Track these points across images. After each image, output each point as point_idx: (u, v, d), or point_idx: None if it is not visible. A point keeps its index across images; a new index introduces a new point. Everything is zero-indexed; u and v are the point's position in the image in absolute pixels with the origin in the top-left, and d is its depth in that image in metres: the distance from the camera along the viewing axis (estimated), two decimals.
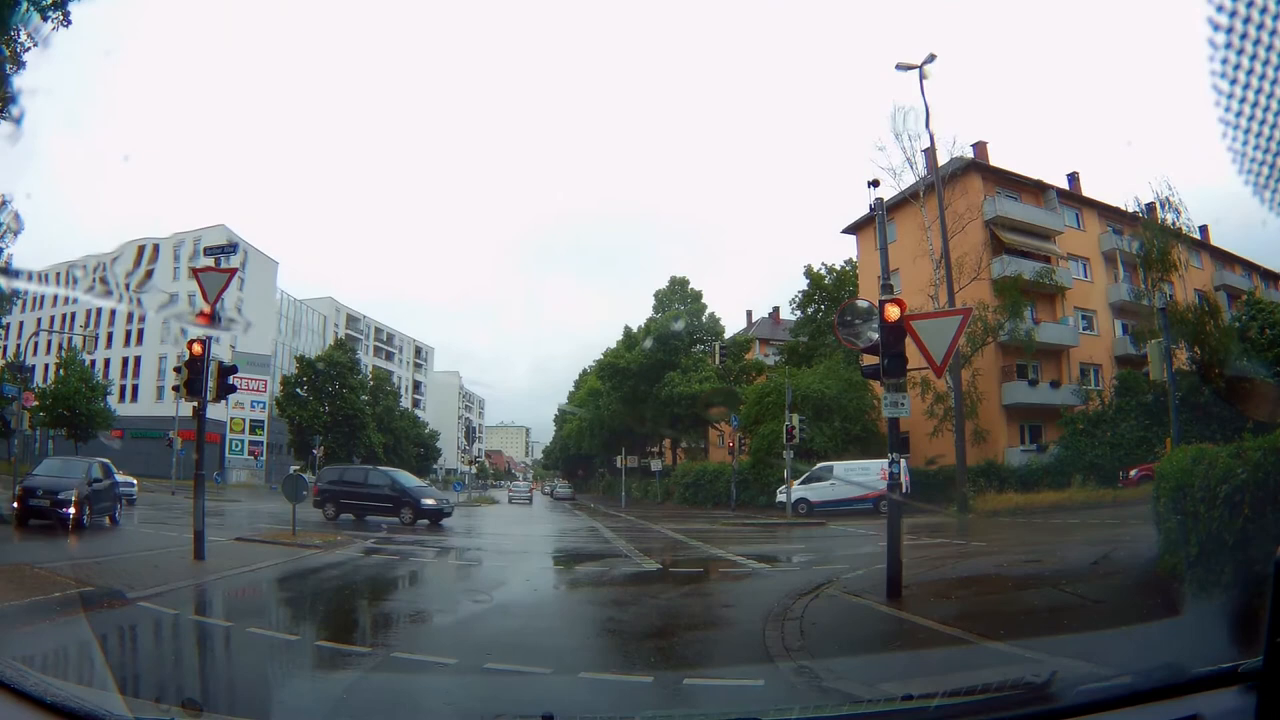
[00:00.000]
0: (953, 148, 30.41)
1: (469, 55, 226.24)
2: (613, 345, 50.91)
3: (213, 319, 12.42)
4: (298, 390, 59.80)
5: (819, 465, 29.33)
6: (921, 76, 25.30)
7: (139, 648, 7.11)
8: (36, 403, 39.82)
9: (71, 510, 14.87)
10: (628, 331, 49.04)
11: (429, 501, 22.89)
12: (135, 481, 28.37)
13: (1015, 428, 33.21)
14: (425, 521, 21.94)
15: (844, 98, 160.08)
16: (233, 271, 13.75)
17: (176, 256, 63.15)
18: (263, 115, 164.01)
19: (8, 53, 15.22)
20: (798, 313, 49.23)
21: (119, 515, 18.08)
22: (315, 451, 51.83)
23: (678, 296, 48.52)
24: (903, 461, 29.51)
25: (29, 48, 15.41)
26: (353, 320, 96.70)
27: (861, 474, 27.68)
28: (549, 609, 10.06)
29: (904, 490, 28.95)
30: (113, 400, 50.16)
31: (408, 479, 25.32)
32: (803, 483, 29.03)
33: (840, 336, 12.32)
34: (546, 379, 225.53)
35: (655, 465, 46.00)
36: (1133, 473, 26.55)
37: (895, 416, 9.38)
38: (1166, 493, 7.50)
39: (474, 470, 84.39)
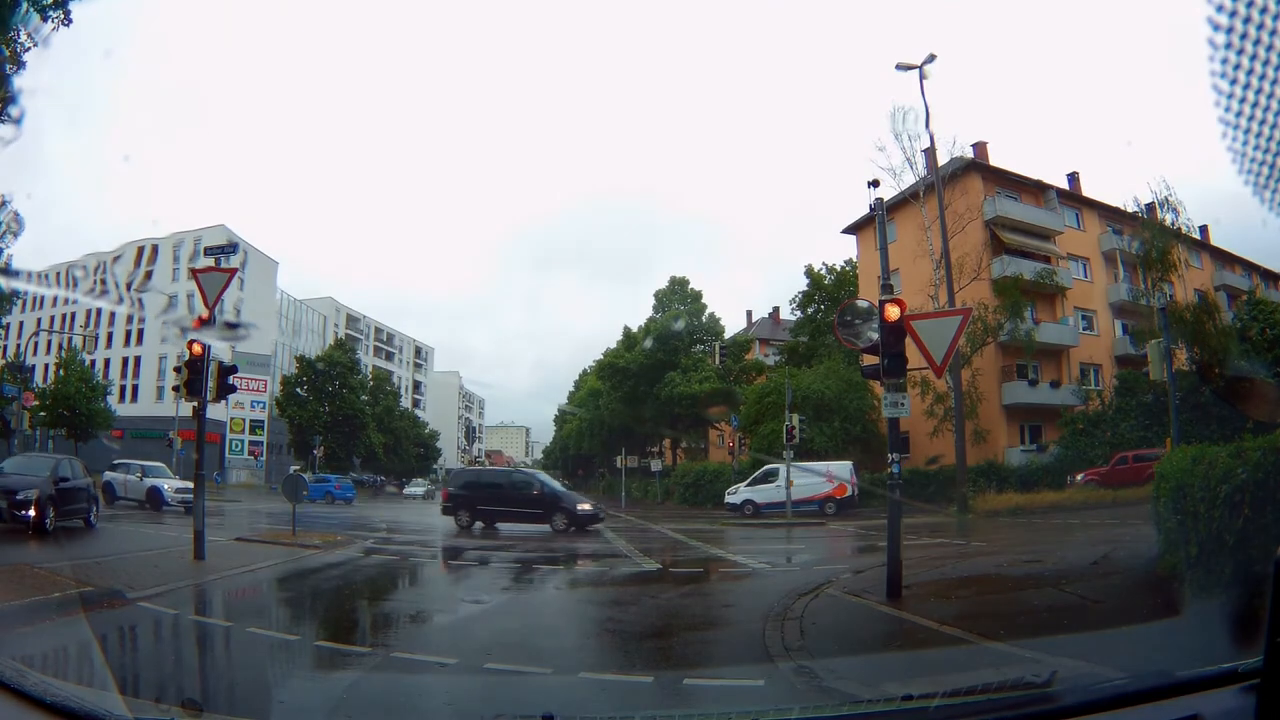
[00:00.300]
0: (953, 148, 30.47)
1: (468, 56, 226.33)
2: (613, 345, 50.95)
3: (212, 322, 12.40)
4: (298, 390, 59.83)
5: (765, 467, 29.43)
6: (921, 77, 25.33)
7: (139, 648, 7.11)
8: (36, 403, 39.85)
9: (32, 512, 13.47)
10: (627, 331, 49.05)
11: (584, 507, 21.14)
12: (192, 487, 26.28)
13: (1015, 428, 33.21)
14: (573, 528, 20.20)
15: (844, 98, 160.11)
16: (233, 271, 13.71)
17: (176, 257, 63.16)
18: (262, 115, 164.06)
19: (8, 53, 15.22)
20: (798, 313, 49.25)
21: (94, 518, 16.55)
22: (315, 451, 51.88)
23: (678, 296, 48.54)
24: (850, 464, 29.71)
25: (29, 48, 15.41)
26: (353, 320, 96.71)
27: (808, 476, 27.93)
28: (549, 609, 10.07)
29: (852, 493, 29.15)
30: (113, 400, 50.11)
31: (553, 481, 23.65)
32: (749, 484, 29.30)
33: (840, 336, 12.32)
34: (546, 379, 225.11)
35: (655, 465, 45.95)
36: (1079, 477, 26.93)
37: (895, 416, 9.38)
38: (1166, 493, 7.49)
39: None
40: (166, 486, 23.53)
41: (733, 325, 58.64)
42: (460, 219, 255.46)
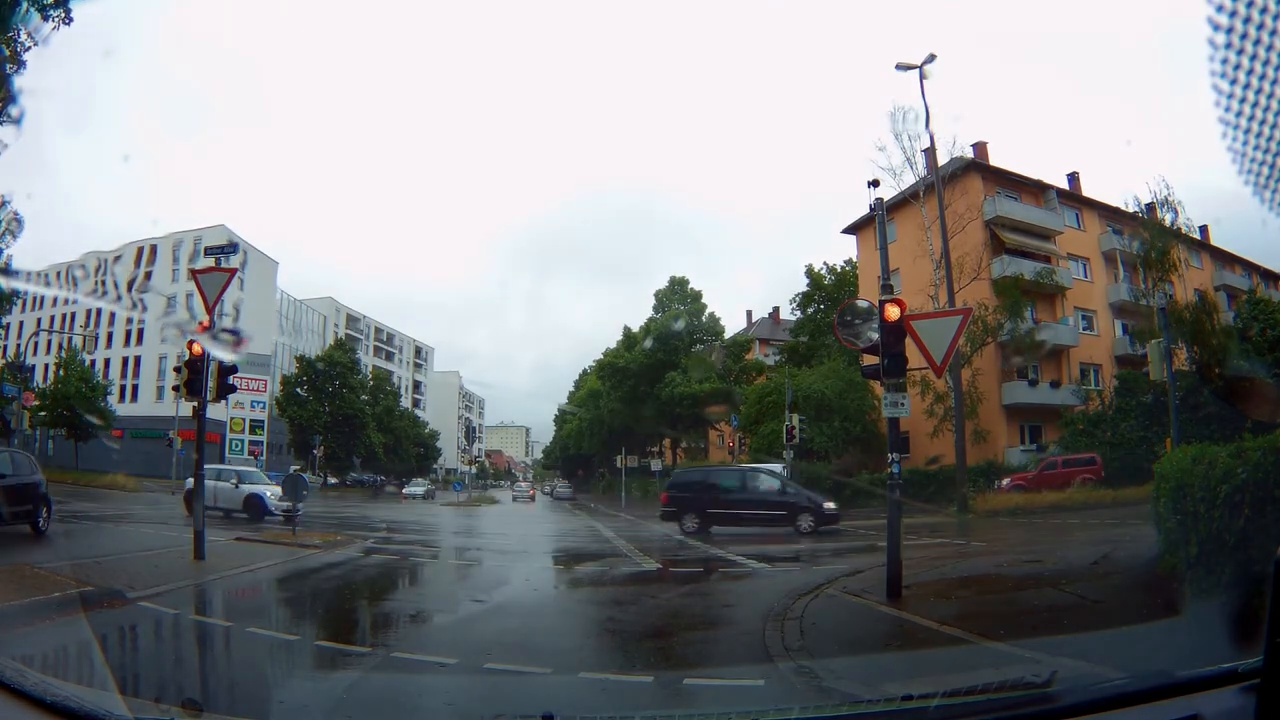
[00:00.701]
0: (953, 148, 30.46)
1: (470, 55, 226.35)
2: (613, 345, 50.99)
3: (213, 324, 12.39)
4: (298, 390, 59.80)
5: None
6: (921, 77, 25.33)
7: (139, 648, 7.11)
8: (36, 402, 39.86)
9: None
10: (627, 331, 49.10)
11: (830, 505, 19.63)
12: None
13: (1015, 428, 33.21)
14: (819, 529, 18.88)
15: (844, 98, 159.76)
16: (233, 271, 13.70)
17: (176, 257, 63.04)
18: (262, 115, 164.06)
19: (8, 53, 15.24)
20: (798, 313, 49.26)
21: (44, 523, 14.08)
22: (315, 451, 51.86)
23: (678, 296, 48.59)
24: (779, 466, 30.17)
25: (29, 47, 15.44)
26: (353, 320, 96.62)
27: None
28: (549, 608, 10.07)
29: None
30: (113, 400, 50.07)
31: (790, 482, 21.89)
32: None
33: (840, 336, 12.33)
34: (547, 379, 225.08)
35: (655, 465, 45.96)
36: (1005, 481, 27.20)
37: (895, 416, 9.37)
38: (1166, 493, 7.49)
39: (474, 470, 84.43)
40: (269, 494, 21.21)
41: (733, 325, 58.65)
42: (461, 219, 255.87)
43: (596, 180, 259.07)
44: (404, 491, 56.14)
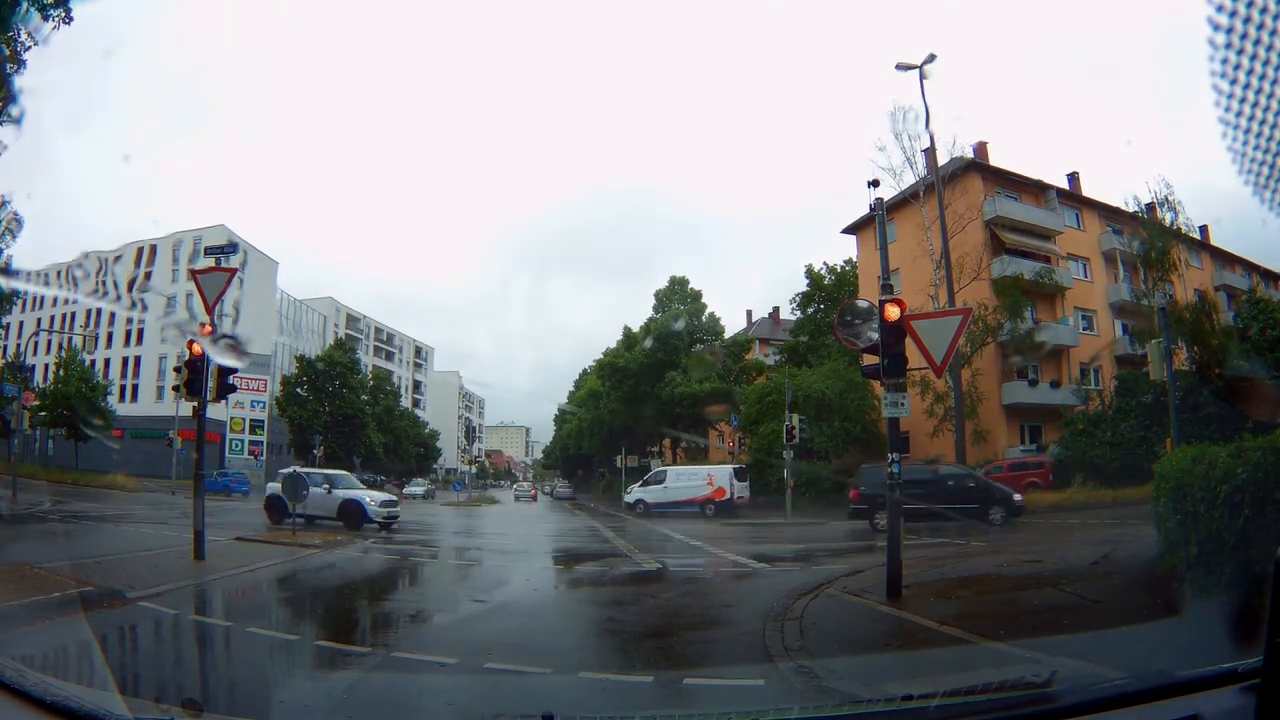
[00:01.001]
0: (953, 148, 30.51)
1: (470, 56, 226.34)
2: (613, 345, 50.96)
3: (214, 327, 12.40)
4: (298, 390, 59.80)
5: (655, 469, 32.04)
6: (921, 77, 25.45)
7: (139, 647, 7.11)
8: (37, 402, 39.86)
9: None
10: (627, 331, 49.06)
11: (1019, 498, 20.10)
12: (398, 499, 20.93)
13: (1015, 428, 33.22)
14: (1010, 520, 19.11)
15: (845, 98, 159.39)
16: (233, 271, 13.70)
17: (176, 257, 63.01)
18: (263, 115, 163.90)
19: (8, 53, 15.24)
20: (798, 313, 49.21)
21: None
22: (315, 451, 51.80)
23: (677, 296, 48.55)
24: (730, 469, 31.46)
25: (29, 47, 15.45)
26: (353, 320, 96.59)
27: (690, 479, 29.96)
28: (549, 608, 10.07)
29: (730, 496, 30.61)
30: (113, 400, 50.07)
31: (979, 474, 21.69)
32: (641, 485, 31.75)
33: (840, 336, 12.33)
34: (547, 379, 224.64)
35: (655, 465, 45.97)
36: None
37: (895, 416, 9.38)
38: (1166, 493, 7.49)
39: (474, 470, 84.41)
40: (368, 500, 19.79)
41: (733, 325, 58.62)
42: (461, 219, 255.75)
43: (596, 180, 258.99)
44: (404, 491, 56.10)
